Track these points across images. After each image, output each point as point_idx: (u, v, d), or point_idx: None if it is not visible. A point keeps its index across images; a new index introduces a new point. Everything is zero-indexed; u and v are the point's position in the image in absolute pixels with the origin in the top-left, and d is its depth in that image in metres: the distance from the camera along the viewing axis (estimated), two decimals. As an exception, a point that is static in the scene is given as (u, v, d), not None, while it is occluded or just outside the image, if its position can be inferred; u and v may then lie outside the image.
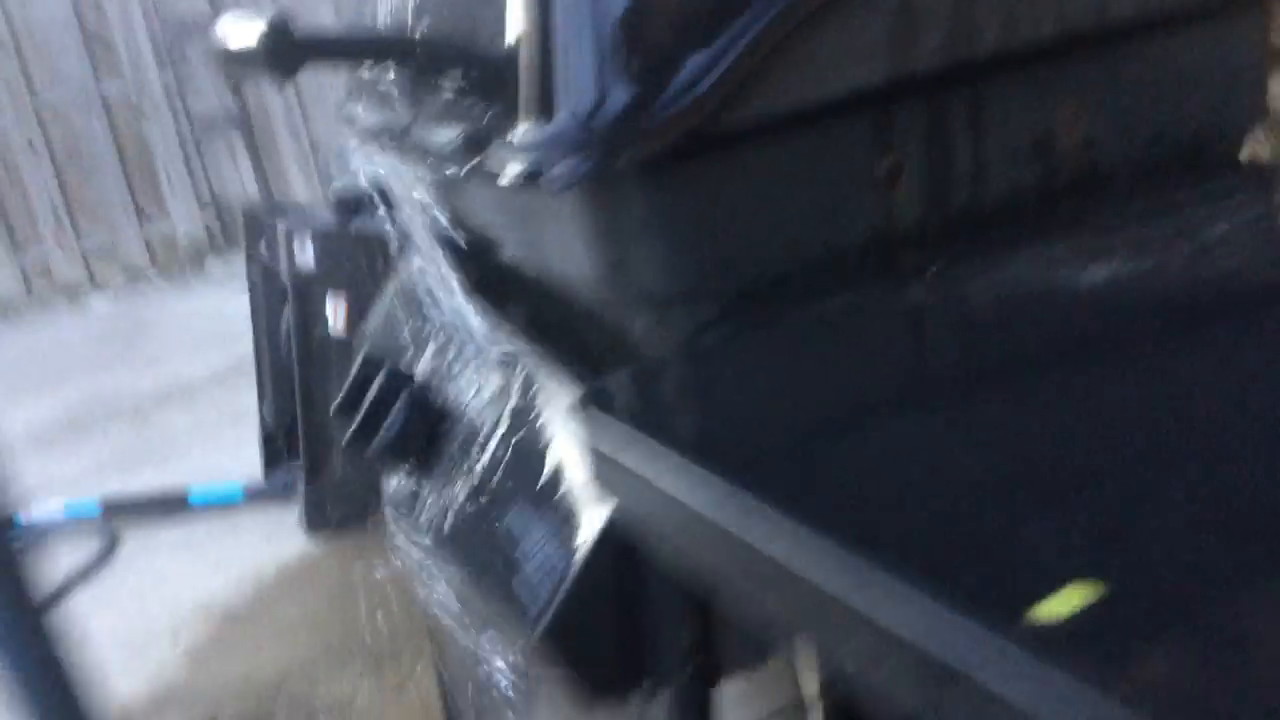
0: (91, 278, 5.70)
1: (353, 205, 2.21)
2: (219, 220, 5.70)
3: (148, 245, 5.78)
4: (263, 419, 3.04)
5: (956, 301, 0.70)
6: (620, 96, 0.65)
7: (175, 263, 5.77)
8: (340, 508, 2.75)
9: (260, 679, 2.34)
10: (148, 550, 2.96)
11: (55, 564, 2.84)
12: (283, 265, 2.77)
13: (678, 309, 0.72)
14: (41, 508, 3.08)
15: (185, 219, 5.77)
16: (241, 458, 3.09)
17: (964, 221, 0.74)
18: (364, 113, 1.08)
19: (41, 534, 3.04)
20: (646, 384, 0.68)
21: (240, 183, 5.66)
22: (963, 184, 0.74)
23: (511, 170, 0.68)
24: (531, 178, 0.66)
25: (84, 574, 2.85)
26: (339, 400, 1.05)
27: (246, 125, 5.45)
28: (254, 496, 3.04)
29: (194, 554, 2.89)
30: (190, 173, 5.75)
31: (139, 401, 3.96)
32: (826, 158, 0.71)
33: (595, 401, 0.60)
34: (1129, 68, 0.76)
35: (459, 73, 0.79)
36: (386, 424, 0.98)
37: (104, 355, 4.66)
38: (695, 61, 0.64)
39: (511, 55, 0.69)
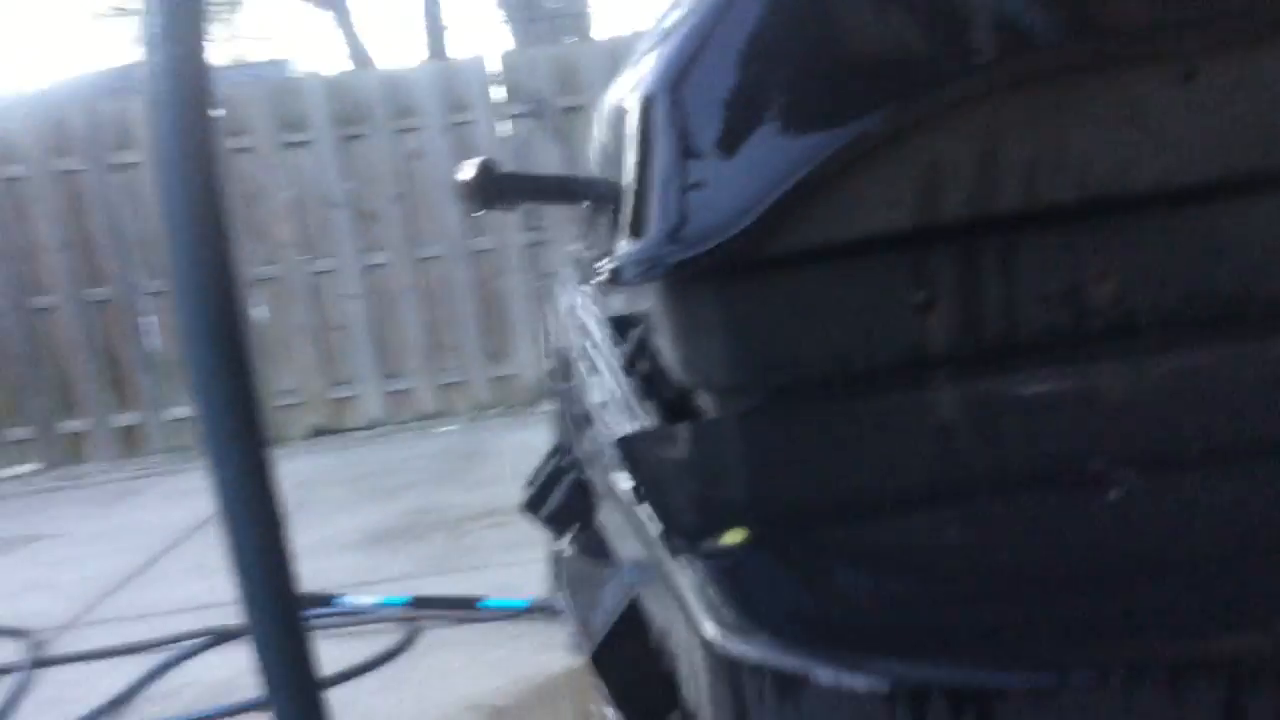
0: (445, 408, 6.37)
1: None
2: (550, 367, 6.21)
3: (494, 384, 6.40)
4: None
5: (977, 413, 0.81)
6: (685, 225, 0.83)
7: (515, 401, 6.36)
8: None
9: (509, 775, 2.54)
10: (441, 646, 3.27)
11: (363, 646, 3.22)
12: (576, 401, 3.09)
13: (733, 397, 0.88)
14: (360, 596, 3.50)
15: (528, 364, 6.36)
16: (536, 575, 3.38)
17: (996, 352, 0.86)
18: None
19: (357, 618, 3.44)
20: (673, 440, 0.84)
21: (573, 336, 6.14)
22: (994, 321, 0.86)
23: (602, 275, 0.88)
24: (614, 278, 0.86)
25: (383, 658, 3.18)
26: (530, 478, 1.26)
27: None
28: (536, 610, 3.31)
29: (477, 655, 3.16)
30: (536, 323, 6.36)
31: (461, 516, 4.39)
32: (864, 285, 0.85)
33: (629, 445, 0.78)
34: (1155, 233, 0.85)
35: (604, 208, 1.00)
36: (551, 498, 1.18)
37: (441, 474, 5.19)
38: (745, 202, 0.82)
39: (622, 193, 0.90)
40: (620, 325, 1.23)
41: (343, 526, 4.42)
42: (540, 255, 6.34)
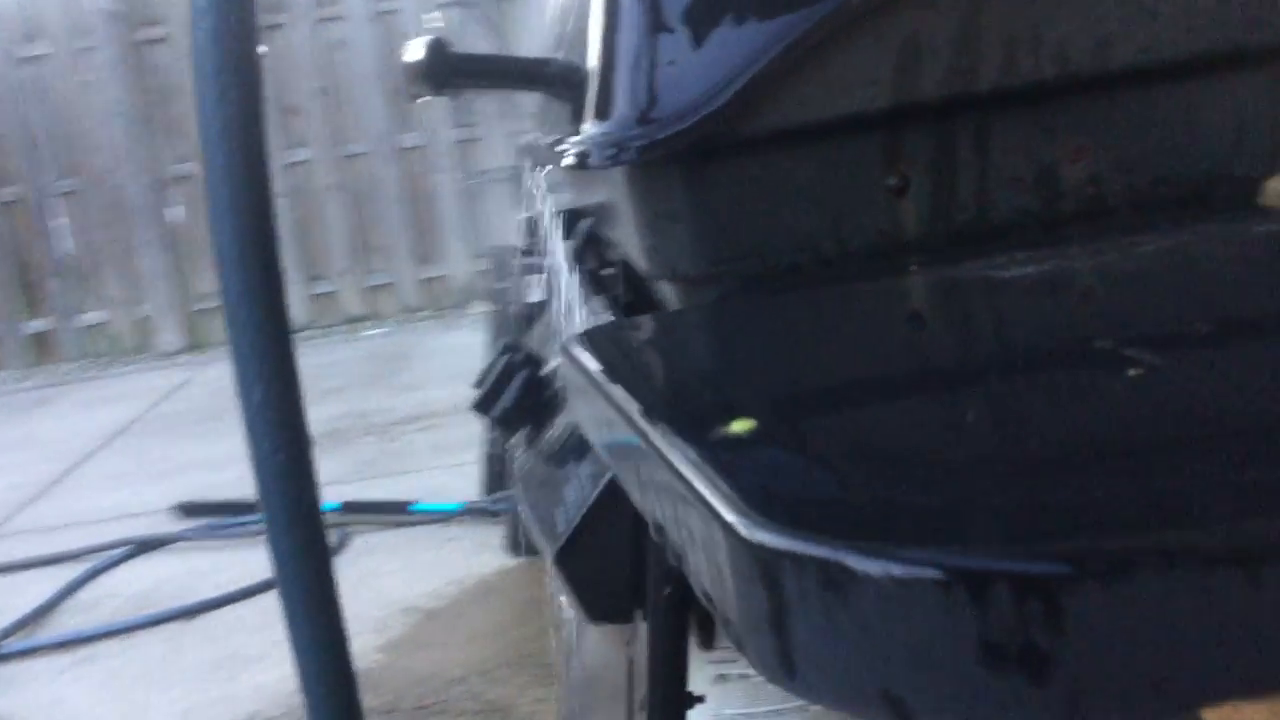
0: (372, 311, 6.25)
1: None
2: (487, 267, 6.12)
3: (423, 286, 6.29)
4: (487, 444, 3.27)
5: (952, 295, 0.77)
6: (652, 108, 0.77)
7: (445, 303, 6.26)
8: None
9: (444, 675, 2.52)
10: (372, 551, 3.23)
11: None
12: (516, 300, 3.01)
13: (701, 287, 0.82)
14: (289, 503, 3.44)
15: (458, 264, 6.25)
16: (468, 478, 3.34)
17: (968, 236, 0.81)
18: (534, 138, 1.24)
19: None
20: (632, 333, 0.79)
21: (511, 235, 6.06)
22: (967, 203, 0.81)
23: (568, 158, 0.81)
24: (580, 162, 0.80)
25: (314, 564, 3.13)
26: (479, 376, 1.21)
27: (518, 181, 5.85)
28: (469, 512, 3.28)
29: (409, 559, 3.13)
30: (468, 223, 6.24)
31: (390, 421, 4.33)
32: (838, 167, 0.80)
33: (587, 341, 0.72)
34: (1133, 111, 0.82)
35: (567, 92, 0.93)
36: (503, 397, 1.13)
37: (369, 379, 5.10)
38: (714, 82, 0.76)
39: (586, 76, 0.84)
40: (569, 219, 1.16)
41: (269, 432, 4.33)
42: (471, 152, 6.18)
